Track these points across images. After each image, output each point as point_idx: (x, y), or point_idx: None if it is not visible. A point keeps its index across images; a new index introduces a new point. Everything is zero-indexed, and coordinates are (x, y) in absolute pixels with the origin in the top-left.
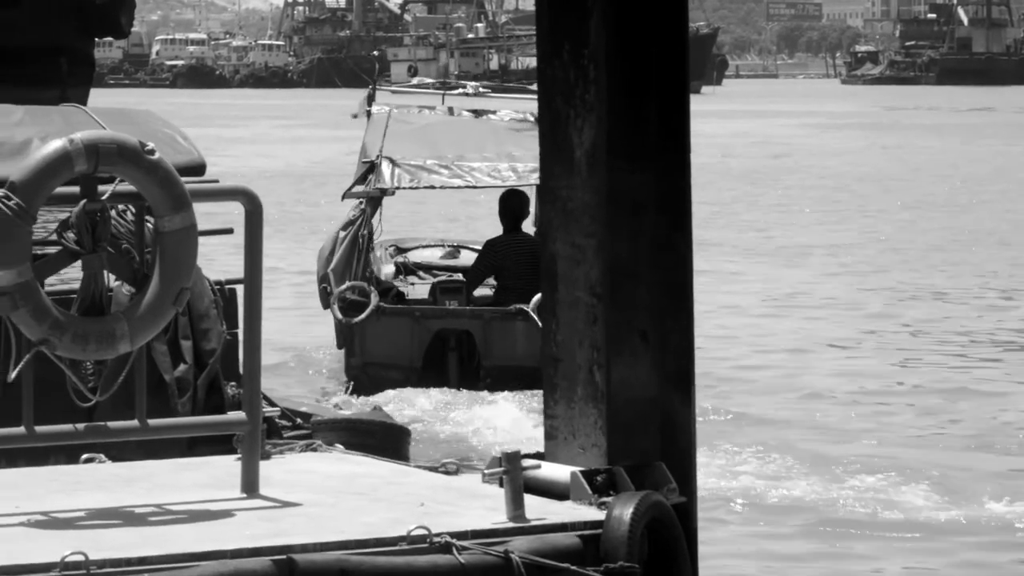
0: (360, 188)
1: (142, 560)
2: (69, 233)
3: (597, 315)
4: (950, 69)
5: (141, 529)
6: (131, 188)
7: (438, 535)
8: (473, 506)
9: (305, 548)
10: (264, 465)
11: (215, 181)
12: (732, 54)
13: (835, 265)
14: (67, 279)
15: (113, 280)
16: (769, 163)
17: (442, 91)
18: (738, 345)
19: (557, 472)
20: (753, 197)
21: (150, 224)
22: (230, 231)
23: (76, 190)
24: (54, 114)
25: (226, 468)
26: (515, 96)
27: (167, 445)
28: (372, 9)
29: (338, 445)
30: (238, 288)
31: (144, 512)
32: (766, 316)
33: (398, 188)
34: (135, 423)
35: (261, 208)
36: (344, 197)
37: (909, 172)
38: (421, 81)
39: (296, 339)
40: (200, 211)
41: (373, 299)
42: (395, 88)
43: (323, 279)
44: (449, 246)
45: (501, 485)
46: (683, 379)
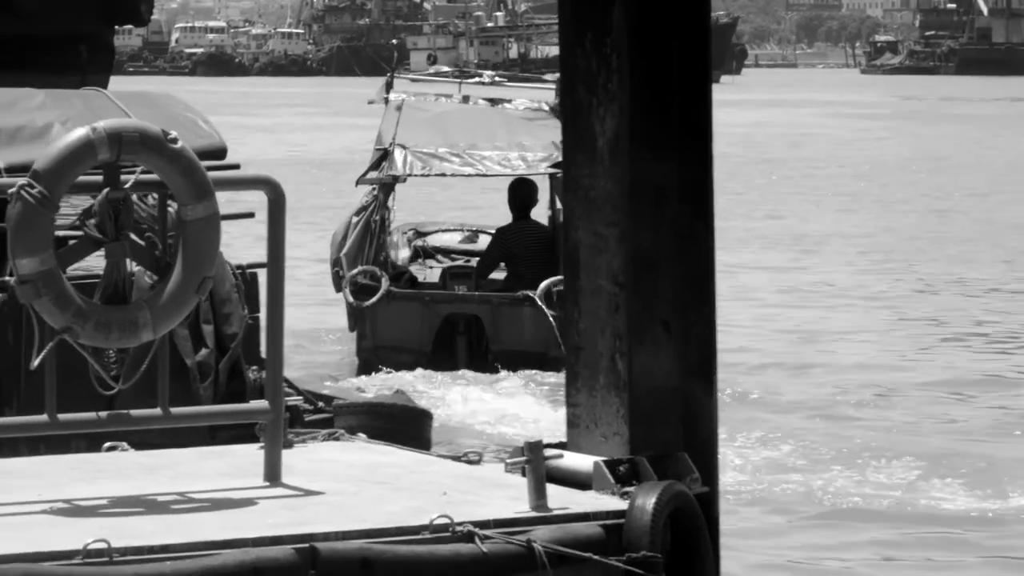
0: (374, 174)
1: (165, 548)
2: (91, 221)
3: (619, 304)
4: (970, 59)
5: (164, 517)
6: (154, 176)
7: (460, 524)
8: (496, 495)
9: (327, 537)
10: (287, 454)
11: (236, 165)
12: (751, 43)
13: (856, 254)
14: (88, 264)
15: (134, 265)
16: (788, 152)
17: (459, 79)
18: (759, 333)
19: (580, 462)
20: (771, 186)
21: (172, 209)
22: (251, 215)
23: (99, 178)
24: (75, 98)
25: (248, 457)
26: (530, 85)
27: (189, 431)
28: None
29: (360, 434)
30: (260, 272)
31: (167, 500)
32: (787, 305)
33: (410, 175)
34: (157, 411)
35: (284, 197)
36: (358, 183)
37: (929, 161)
38: (438, 69)
39: (311, 322)
40: (221, 195)
41: (384, 283)
42: (413, 76)
43: (336, 263)
44: (468, 230)
45: (523, 474)
46: (705, 368)
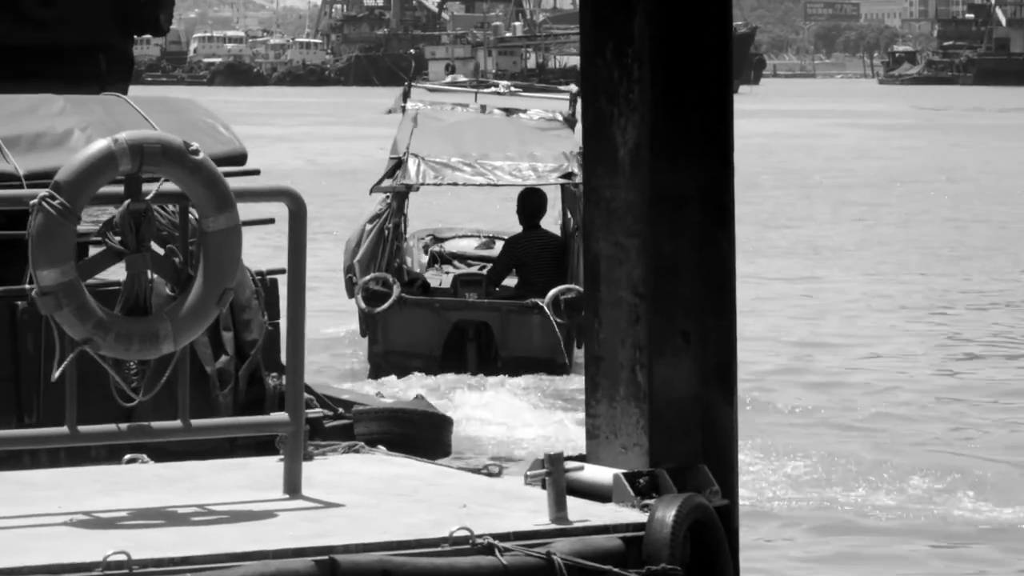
0: (388, 183)
1: (185, 560)
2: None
3: (639, 314)
4: (988, 69)
5: (184, 529)
6: (175, 188)
7: (480, 536)
8: (515, 508)
9: (347, 549)
10: (306, 466)
11: (256, 171)
12: (769, 53)
13: (873, 264)
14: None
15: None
16: (806, 162)
17: (475, 89)
18: (777, 343)
19: (599, 474)
20: (789, 196)
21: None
22: (271, 221)
23: (120, 189)
24: (95, 103)
25: (268, 469)
26: (545, 96)
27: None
28: (410, 7)
29: (380, 447)
30: (279, 278)
31: (187, 512)
32: (804, 315)
33: (422, 184)
34: (178, 423)
35: (305, 208)
36: (372, 191)
37: (947, 172)
38: (455, 79)
39: (324, 327)
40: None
41: (395, 290)
42: (430, 86)
43: (349, 270)
44: (484, 237)
45: (543, 487)
46: (725, 379)
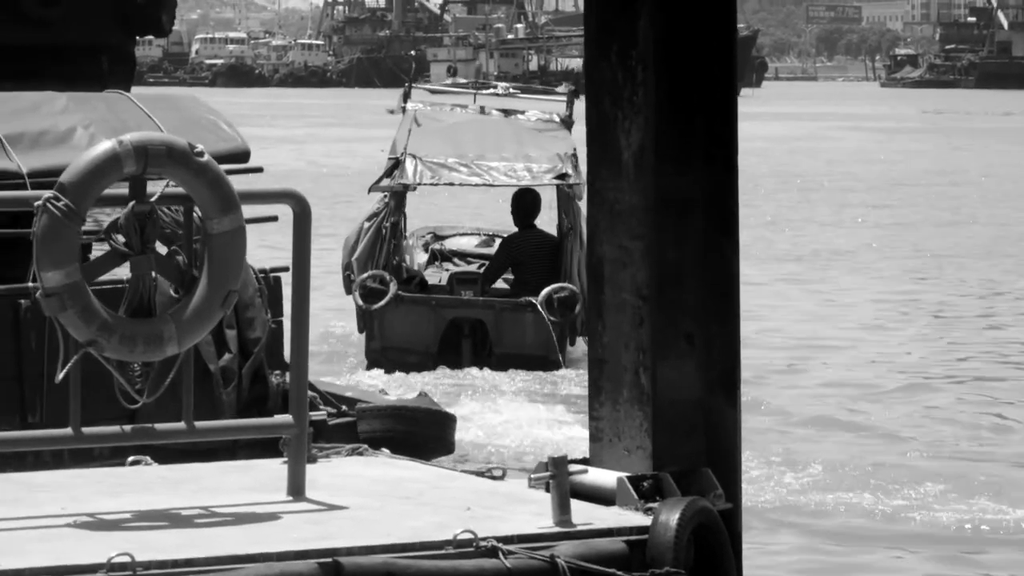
0: (386, 182)
1: (188, 562)
2: (118, 235)
3: (643, 317)
4: (990, 73)
5: (187, 531)
6: (180, 189)
7: (484, 539)
8: (519, 511)
9: (351, 551)
10: (310, 469)
11: (260, 168)
12: (771, 56)
13: (877, 267)
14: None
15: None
16: (807, 165)
17: (474, 91)
18: (782, 347)
19: (603, 477)
20: (792, 199)
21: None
22: (275, 219)
23: (125, 191)
24: (97, 101)
25: (272, 471)
26: (543, 97)
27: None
28: (412, 9)
29: (384, 449)
30: (282, 276)
31: (190, 514)
32: (808, 320)
33: (419, 184)
34: (182, 425)
35: (309, 210)
36: (370, 190)
37: (949, 175)
38: (455, 81)
39: (322, 323)
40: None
41: (392, 287)
42: (430, 87)
43: (347, 267)
44: (484, 235)
45: (547, 490)
46: (729, 382)
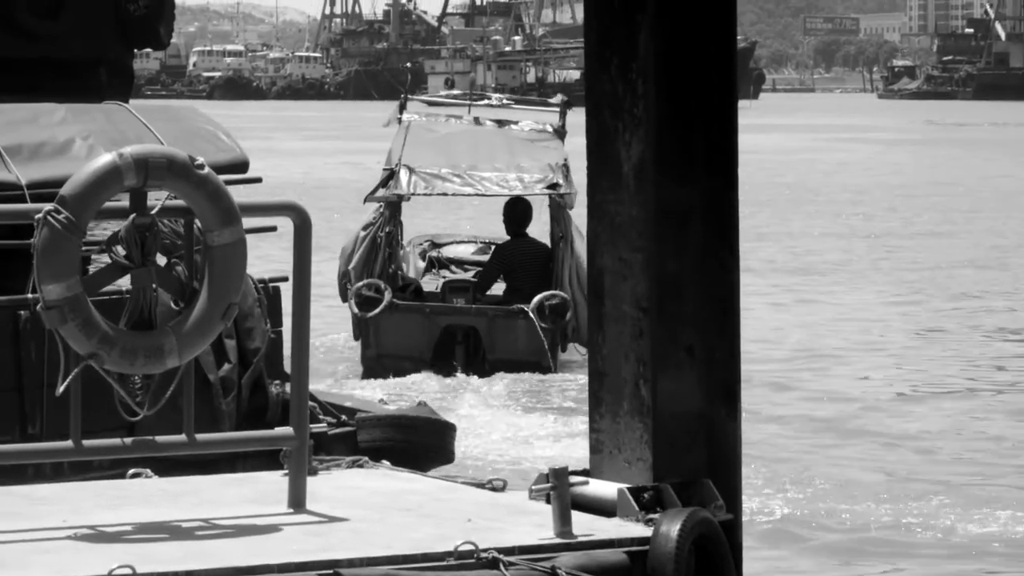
0: (382, 192)
1: (190, 574)
2: (118, 247)
3: (643, 329)
4: (987, 84)
5: (188, 543)
6: (180, 202)
7: (485, 551)
8: (520, 522)
9: (352, 563)
10: (310, 481)
11: (258, 179)
12: (769, 68)
13: (876, 277)
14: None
15: None
16: (805, 177)
17: (468, 102)
18: (783, 358)
19: (604, 489)
20: (789, 211)
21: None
22: (274, 229)
23: (125, 204)
24: (96, 112)
25: (273, 483)
26: (536, 108)
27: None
28: (409, 22)
29: (384, 461)
30: (281, 286)
31: (191, 527)
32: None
33: (413, 194)
34: (183, 437)
35: (310, 223)
36: (366, 200)
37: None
38: (449, 93)
39: (318, 330)
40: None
41: (387, 296)
42: (425, 99)
43: (343, 276)
44: (481, 242)
45: (548, 501)
46: (729, 394)
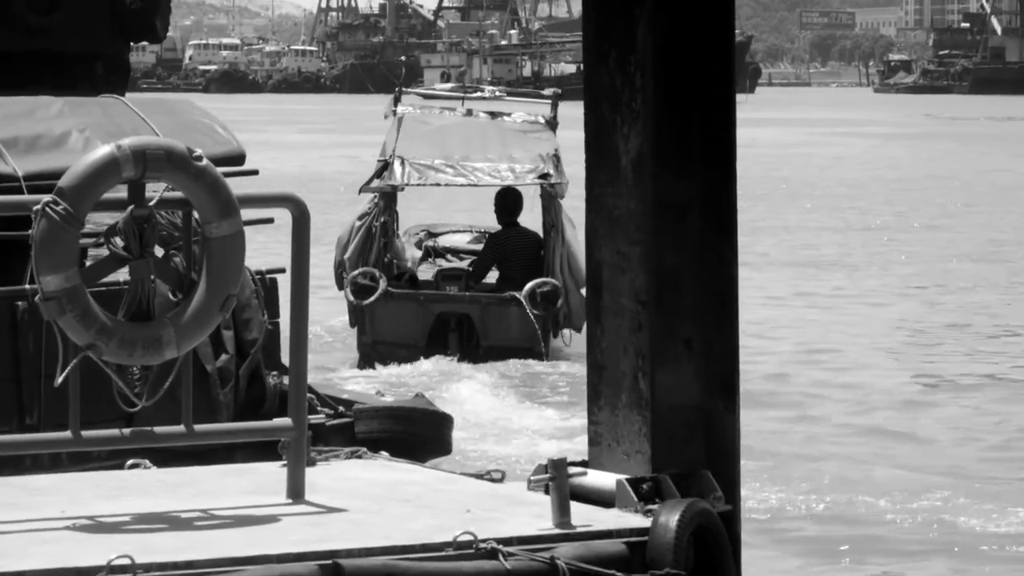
0: (376, 183)
1: (189, 564)
2: (116, 239)
3: (642, 322)
4: (983, 78)
5: (187, 534)
6: (178, 194)
7: (484, 541)
8: (519, 513)
9: (351, 553)
10: (309, 471)
11: (255, 171)
12: (765, 62)
13: (875, 271)
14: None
15: None
16: (801, 172)
17: (462, 95)
18: (781, 352)
19: (602, 480)
20: (785, 205)
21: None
22: (271, 221)
23: (124, 195)
24: (93, 105)
25: (271, 474)
26: (528, 100)
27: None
28: (405, 15)
29: (383, 452)
30: (278, 277)
31: (190, 517)
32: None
33: (407, 185)
34: (181, 428)
35: (308, 214)
36: (361, 191)
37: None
38: (443, 86)
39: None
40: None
41: (381, 284)
42: (420, 91)
43: (339, 265)
44: (476, 232)
45: (546, 492)
46: (728, 387)
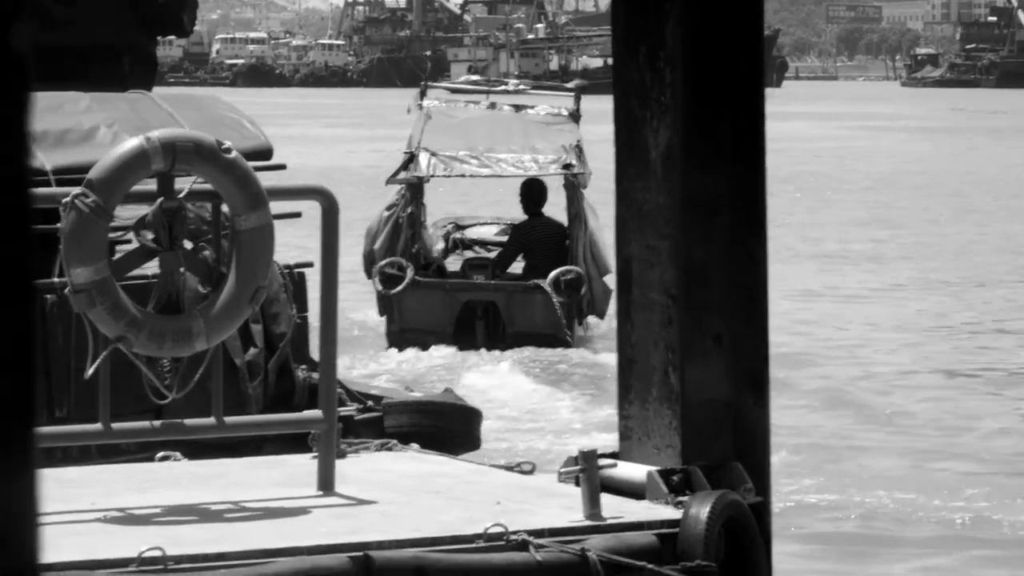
0: (403, 175)
1: (220, 556)
2: (146, 231)
3: (672, 317)
4: (1010, 72)
5: (218, 526)
6: (208, 186)
7: (515, 533)
8: (549, 504)
9: (382, 545)
10: (339, 463)
11: (282, 165)
12: (792, 56)
13: (902, 267)
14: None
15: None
16: (830, 165)
17: (486, 88)
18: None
19: (633, 471)
20: (813, 199)
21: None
22: (298, 215)
23: (153, 188)
24: (120, 101)
25: (301, 466)
26: (551, 93)
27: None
28: (432, 9)
29: (413, 444)
30: (307, 271)
31: (220, 509)
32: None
33: (433, 176)
34: (211, 420)
35: (337, 206)
36: (387, 183)
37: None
38: (467, 79)
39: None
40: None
41: (409, 273)
42: (445, 85)
43: (368, 255)
44: (504, 224)
45: (577, 484)
46: (757, 381)
